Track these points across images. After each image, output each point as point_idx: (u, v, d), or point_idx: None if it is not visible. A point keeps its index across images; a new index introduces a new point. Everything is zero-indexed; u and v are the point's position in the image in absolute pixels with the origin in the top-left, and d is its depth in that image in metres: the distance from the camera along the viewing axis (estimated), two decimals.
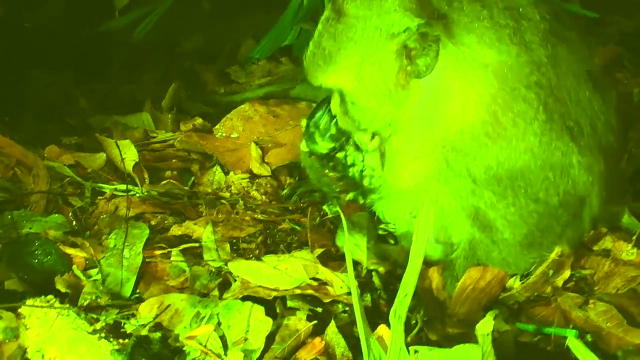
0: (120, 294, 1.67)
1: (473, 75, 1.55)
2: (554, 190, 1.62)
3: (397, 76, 1.56)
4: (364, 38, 1.52)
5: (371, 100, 1.62)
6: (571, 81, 1.67)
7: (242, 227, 2.07)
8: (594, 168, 1.68)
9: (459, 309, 1.71)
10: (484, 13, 1.55)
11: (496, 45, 1.55)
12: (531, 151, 1.58)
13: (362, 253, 1.84)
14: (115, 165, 2.34)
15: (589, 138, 1.67)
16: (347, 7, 1.53)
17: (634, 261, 1.73)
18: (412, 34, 1.49)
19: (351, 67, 1.57)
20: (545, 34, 1.62)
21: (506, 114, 1.56)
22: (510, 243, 1.69)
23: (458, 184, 1.64)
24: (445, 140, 1.61)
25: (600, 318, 1.61)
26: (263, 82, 3.11)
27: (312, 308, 1.65)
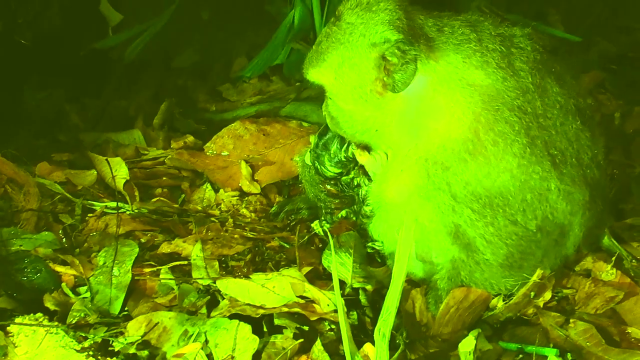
0: (109, 312, 1.69)
1: (458, 93, 1.61)
2: (531, 213, 1.66)
3: (373, 83, 1.63)
4: (348, 42, 1.62)
5: (347, 101, 1.69)
6: (558, 112, 1.72)
7: (231, 245, 2.09)
8: (575, 197, 1.71)
9: (443, 329, 1.73)
10: (472, 36, 1.64)
11: (483, 67, 1.62)
12: (510, 171, 1.62)
13: (348, 272, 1.87)
14: (106, 182, 2.37)
15: (572, 168, 1.71)
16: (345, 13, 1.65)
17: (613, 282, 1.77)
18: (390, 46, 1.57)
19: (333, 66, 1.65)
20: (534, 64, 1.69)
21: (487, 133, 1.61)
22: (492, 264, 1.72)
23: (438, 199, 1.67)
24: (427, 153, 1.65)
25: (581, 337, 1.64)
26: (254, 101, 3.15)
27: (299, 326, 1.67)
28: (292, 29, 3.11)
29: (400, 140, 1.70)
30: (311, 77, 1.74)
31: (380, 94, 1.64)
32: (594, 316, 1.70)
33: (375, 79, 1.62)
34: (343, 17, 1.64)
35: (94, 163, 2.45)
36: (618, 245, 1.88)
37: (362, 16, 1.61)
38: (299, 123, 2.83)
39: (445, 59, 1.61)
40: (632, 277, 1.79)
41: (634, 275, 1.80)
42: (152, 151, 2.71)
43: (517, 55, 1.68)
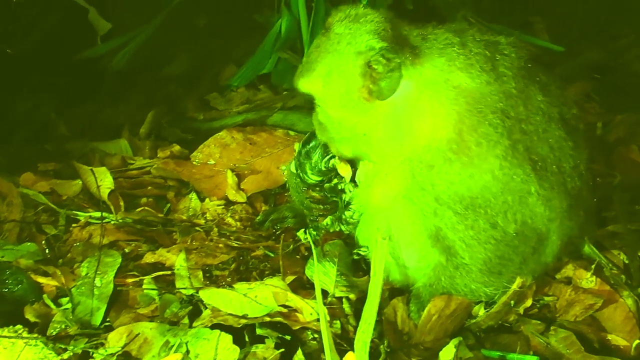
0: (90, 323, 1.68)
1: (443, 95, 1.65)
2: (512, 216, 1.68)
3: (360, 90, 1.67)
4: (336, 50, 1.67)
5: (336, 108, 1.73)
6: (541, 119, 1.74)
7: (215, 254, 2.09)
8: (554, 204, 1.73)
9: (425, 337, 1.74)
10: (456, 40, 1.69)
11: (467, 70, 1.66)
12: (492, 172, 1.65)
13: (331, 281, 1.87)
14: (91, 192, 2.37)
15: (552, 176, 1.73)
16: (334, 24, 1.70)
17: (593, 289, 1.79)
18: (374, 54, 1.61)
19: (322, 75, 1.70)
20: (519, 71, 1.73)
21: (471, 134, 1.64)
22: (471, 269, 1.74)
23: (422, 201, 1.70)
24: (413, 154, 1.69)
25: (561, 345, 1.66)
26: (241, 110, 3.16)
27: (281, 336, 1.67)
28: (279, 38, 3.13)
29: (386, 143, 1.73)
30: (301, 88, 1.77)
31: (367, 100, 1.68)
32: (574, 323, 1.72)
33: (362, 86, 1.66)
34: (332, 29, 1.69)
35: (79, 173, 2.44)
36: (598, 253, 1.90)
37: (350, 27, 1.66)
38: (286, 132, 2.84)
39: (430, 62, 1.66)
40: (611, 284, 1.80)
41: (614, 282, 1.81)
42: (139, 160, 2.71)
43: (501, 60, 1.72)
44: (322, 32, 1.73)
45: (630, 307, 1.73)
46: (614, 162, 2.46)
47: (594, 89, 3.15)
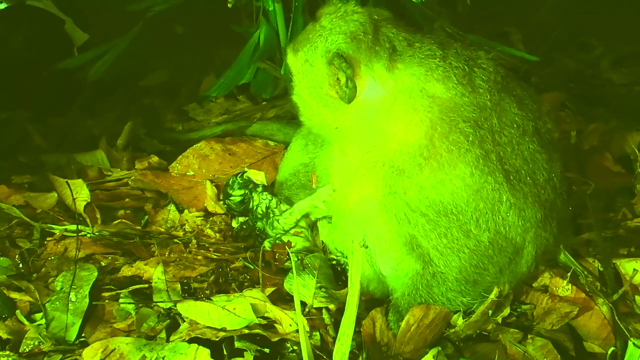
0: (65, 339, 1.66)
1: (418, 102, 1.68)
2: (484, 224, 1.69)
3: (328, 87, 1.71)
4: (314, 42, 1.71)
5: (305, 96, 1.78)
6: (515, 132, 1.77)
7: (194, 267, 2.07)
8: (527, 214, 1.75)
9: (405, 347, 1.74)
10: (438, 53, 1.72)
11: (444, 82, 1.69)
12: (462, 179, 1.67)
13: (310, 293, 1.87)
14: (66, 205, 2.33)
15: (526, 187, 1.75)
16: (322, 16, 1.74)
17: (569, 297, 1.81)
18: (340, 54, 1.64)
19: (300, 60, 1.75)
20: (494, 84, 1.76)
21: (442, 141, 1.67)
22: (447, 277, 1.75)
23: (394, 205, 1.71)
24: (384, 157, 1.71)
25: (538, 353, 1.67)
26: (220, 120, 3.15)
27: (260, 349, 1.66)
28: (257, 48, 3.14)
29: (360, 142, 1.75)
30: (287, 58, 1.82)
31: (332, 97, 1.71)
32: (551, 332, 1.73)
33: (328, 84, 1.71)
34: (320, 20, 1.74)
35: (55, 185, 2.41)
36: (574, 261, 1.92)
37: (333, 22, 1.71)
38: (265, 142, 2.83)
39: (409, 70, 1.69)
40: (587, 292, 1.82)
41: (589, 290, 1.83)
42: (116, 172, 2.67)
43: (479, 74, 1.75)
44: (314, 20, 1.78)
45: (605, 315, 1.75)
46: (589, 170, 2.50)
47: (568, 97, 3.19)
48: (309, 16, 2.90)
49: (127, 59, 3.26)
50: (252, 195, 2.19)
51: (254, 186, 2.21)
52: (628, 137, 2.64)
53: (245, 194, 2.19)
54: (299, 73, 1.77)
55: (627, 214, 2.31)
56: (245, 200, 2.20)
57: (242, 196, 2.19)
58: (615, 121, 2.97)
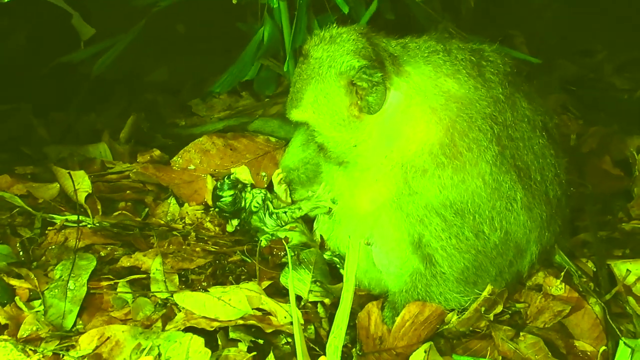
0: (62, 326, 1.68)
1: (434, 101, 1.67)
2: (498, 223, 1.70)
3: (349, 109, 1.69)
4: (319, 75, 1.69)
5: (330, 130, 1.75)
6: (526, 126, 1.78)
7: (192, 259, 2.09)
8: (535, 214, 1.76)
9: (398, 342, 1.75)
10: (439, 47, 1.71)
11: (455, 76, 1.68)
12: (482, 177, 1.68)
13: (305, 288, 1.89)
14: (68, 196, 2.36)
15: (535, 184, 1.77)
16: (311, 50, 1.72)
17: (562, 296, 1.82)
18: (355, 72, 1.64)
19: (310, 101, 1.73)
20: (504, 77, 1.75)
21: (462, 139, 1.67)
22: (448, 278, 1.76)
23: (411, 207, 1.71)
24: (404, 159, 1.70)
25: (529, 350, 1.68)
26: (223, 116, 3.18)
27: (254, 339, 1.67)
28: (261, 45, 3.15)
29: (377, 150, 1.74)
30: (294, 117, 1.80)
31: (357, 117, 1.70)
32: (543, 330, 1.75)
33: (350, 105, 1.69)
34: (310, 54, 1.72)
35: (57, 176, 2.43)
36: (569, 261, 1.94)
37: (328, 49, 1.69)
38: (267, 138, 2.85)
39: (417, 70, 1.69)
40: (579, 292, 1.84)
41: (582, 290, 1.85)
42: (118, 165, 2.70)
43: (487, 66, 1.74)
44: (302, 59, 1.76)
45: (597, 314, 1.76)
46: (587, 173, 2.51)
47: (570, 101, 3.21)
48: (313, 14, 2.92)
49: (134, 54, 3.28)
50: (243, 195, 2.20)
51: (243, 186, 2.22)
52: (628, 141, 2.66)
53: (236, 194, 2.20)
54: (314, 115, 1.74)
55: (624, 216, 2.32)
56: (237, 200, 2.20)
57: (232, 196, 2.19)
58: (615, 125, 2.98)
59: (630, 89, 3.38)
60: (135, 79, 3.81)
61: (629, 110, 3.15)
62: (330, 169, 2.04)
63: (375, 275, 1.96)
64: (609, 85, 3.52)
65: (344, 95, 1.68)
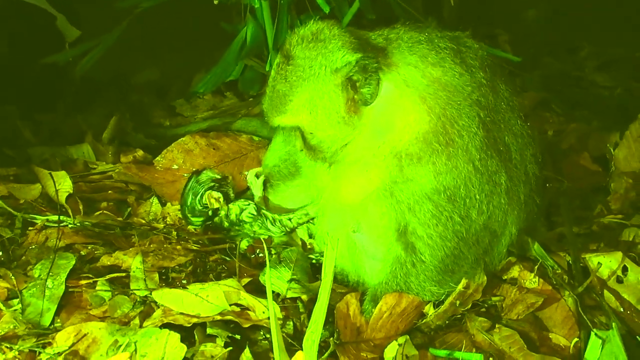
0: (40, 324, 1.68)
1: (424, 90, 1.69)
2: (485, 206, 1.74)
3: (347, 105, 1.68)
4: (311, 75, 1.65)
5: (327, 129, 1.73)
6: (506, 107, 1.82)
7: (173, 257, 2.10)
8: (514, 193, 1.80)
9: (376, 334, 1.77)
10: (422, 37, 1.73)
11: (440, 64, 1.70)
12: (473, 163, 1.71)
13: (284, 285, 1.90)
14: (50, 196, 2.36)
15: (515, 164, 1.81)
16: (295, 51, 1.68)
17: (536, 289, 1.84)
18: (352, 67, 1.63)
19: (303, 103, 1.69)
20: (483, 60, 1.79)
21: (453, 126, 1.70)
22: (428, 267, 1.79)
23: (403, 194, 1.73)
24: (397, 148, 1.72)
25: (504, 342, 1.70)
26: (206, 116, 3.19)
27: (231, 335, 1.69)
28: (244, 46, 3.17)
29: (368, 143, 1.75)
30: (280, 123, 1.76)
31: (355, 111, 1.70)
32: (517, 322, 1.77)
33: (346, 100, 1.68)
34: (294, 55, 1.67)
35: (39, 177, 2.44)
36: (545, 255, 1.96)
37: (315, 48, 1.66)
38: (250, 137, 2.86)
39: (403, 61, 1.70)
40: (553, 285, 1.86)
41: (556, 283, 1.87)
42: (101, 165, 2.71)
43: (467, 52, 1.77)
44: (282, 61, 1.70)
45: (570, 307, 1.78)
46: (566, 169, 2.54)
47: (553, 98, 3.24)
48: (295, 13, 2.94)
49: (118, 55, 3.29)
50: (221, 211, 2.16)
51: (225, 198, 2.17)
52: (606, 137, 2.68)
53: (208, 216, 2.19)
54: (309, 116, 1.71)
55: (603, 211, 2.35)
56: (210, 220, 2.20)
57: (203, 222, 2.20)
58: (596, 122, 3.02)
59: (611, 86, 3.41)
60: (122, 80, 3.82)
61: (610, 107, 3.18)
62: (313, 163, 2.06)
63: (354, 268, 1.98)
64: (591, 82, 3.55)
65: (340, 92, 1.66)
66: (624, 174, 2.38)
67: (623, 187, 2.33)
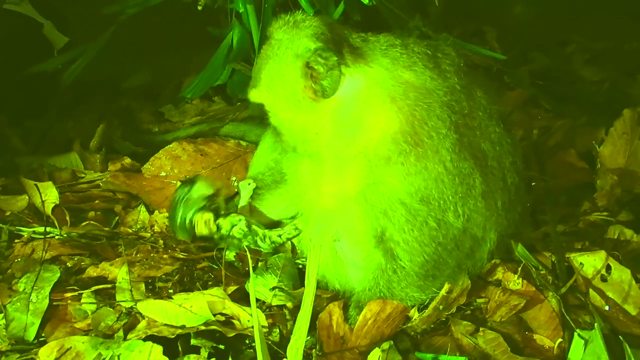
0: (24, 339, 1.69)
1: (394, 91, 1.71)
2: (460, 208, 1.74)
3: (303, 90, 1.71)
4: (276, 55, 1.71)
5: (285, 111, 1.77)
6: (482, 114, 1.82)
7: (159, 266, 2.11)
8: (491, 199, 1.80)
9: (361, 341, 1.77)
10: (397, 42, 1.76)
11: (412, 68, 1.73)
12: (443, 164, 1.72)
13: (270, 293, 1.90)
14: (36, 207, 2.36)
15: (492, 171, 1.81)
16: (274, 32, 1.75)
17: (519, 290, 1.85)
18: (311, 54, 1.66)
19: (267, 81, 1.75)
20: (459, 68, 1.81)
21: (423, 127, 1.71)
22: (409, 273, 1.79)
23: (375, 197, 1.74)
24: (367, 149, 1.73)
25: (488, 345, 1.71)
26: (194, 121, 3.19)
27: (215, 345, 1.69)
28: (231, 50, 3.16)
29: (338, 140, 1.76)
30: (252, 98, 1.82)
31: (313, 100, 1.72)
32: (501, 324, 1.77)
33: (304, 87, 1.71)
34: (272, 36, 1.75)
35: (26, 188, 2.44)
36: (529, 255, 1.96)
37: (289, 32, 1.72)
38: (237, 142, 2.86)
39: (375, 62, 1.72)
40: (537, 285, 1.86)
41: (540, 284, 1.87)
42: (89, 174, 2.71)
43: (443, 59, 1.79)
44: (265, 41, 1.79)
45: (554, 307, 1.78)
46: (552, 166, 2.54)
47: (541, 95, 3.23)
48: None
49: (104, 61, 3.28)
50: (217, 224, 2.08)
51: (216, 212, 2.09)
52: (593, 133, 2.68)
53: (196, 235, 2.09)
54: (269, 94, 1.75)
55: (589, 208, 2.35)
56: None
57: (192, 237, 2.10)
58: (584, 117, 3.01)
59: (598, 81, 3.40)
60: (111, 85, 3.82)
61: (597, 102, 3.17)
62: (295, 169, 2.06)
63: (338, 275, 1.99)
64: (579, 77, 3.54)
65: (299, 77, 1.69)
66: (610, 171, 2.38)
67: (609, 183, 2.33)
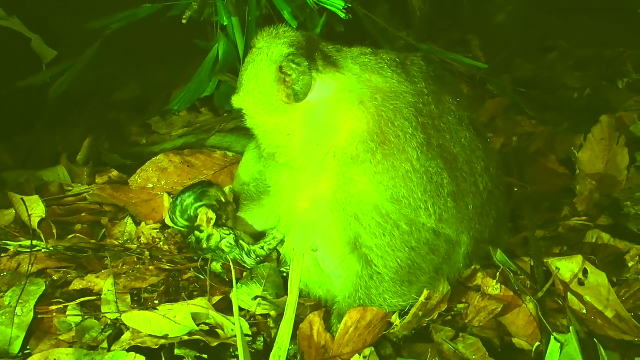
0: (8, 352, 1.70)
1: (361, 94, 1.79)
2: (431, 206, 1.78)
3: (277, 94, 1.80)
4: (255, 61, 1.82)
5: (260, 114, 1.86)
6: (452, 119, 1.87)
7: (145, 278, 2.13)
8: (463, 202, 1.84)
9: (344, 349, 1.80)
10: (368, 51, 1.86)
11: (380, 72, 1.81)
12: (410, 162, 1.77)
13: (254, 302, 1.93)
14: (23, 221, 2.38)
15: (463, 175, 1.85)
16: (257, 42, 1.86)
17: (498, 295, 1.88)
18: (284, 59, 1.75)
19: (246, 87, 1.85)
20: (428, 75, 1.88)
21: (389, 127, 1.77)
22: (384, 278, 1.83)
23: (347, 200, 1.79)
24: (336, 148, 1.81)
25: (468, 350, 1.73)
26: (181, 133, 3.22)
27: (199, 355, 1.71)
28: (217, 62, 3.20)
29: (309, 143, 1.83)
30: (235, 104, 1.91)
31: (286, 103, 1.80)
32: (480, 329, 1.80)
33: (277, 91, 1.79)
34: (255, 45, 1.86)
35: (13, 202, 2.46)
36: (508, 260, 1.99)
37: (269, 41, 1.82)
38: (224, 153, 2.89)
39: (346, 68, 1.81)
40: (515, 290, 1.89)
41: (518, 289, 1.90)
42: (77, 187, 2.73)
43: (412, 66, 1.88)
44: (250, 50, 1.89)
45: (532, 312, 1.82)
46: (533, 172, 2.58)
47: (523, 102, 3.27)
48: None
49: (91, 75, 3.31)
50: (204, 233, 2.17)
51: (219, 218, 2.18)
52: (574, 139, 2.72)
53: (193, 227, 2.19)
54: (248, 97, 1.84)
55: (569, 213, 2.39)
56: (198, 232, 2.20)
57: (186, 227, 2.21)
58: (566, 124, 3.05)
59: (580, 88, 3.45)
60: (99, 99, 3.84)
61: (578, 109, 3.22)
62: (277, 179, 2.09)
63: (320, 284, 2.02)
64: (561, 84, 3.59)
65: (273, 81, 1.78)
66: (588, 176, 2.42)
67: (588, 189, 2.37)
